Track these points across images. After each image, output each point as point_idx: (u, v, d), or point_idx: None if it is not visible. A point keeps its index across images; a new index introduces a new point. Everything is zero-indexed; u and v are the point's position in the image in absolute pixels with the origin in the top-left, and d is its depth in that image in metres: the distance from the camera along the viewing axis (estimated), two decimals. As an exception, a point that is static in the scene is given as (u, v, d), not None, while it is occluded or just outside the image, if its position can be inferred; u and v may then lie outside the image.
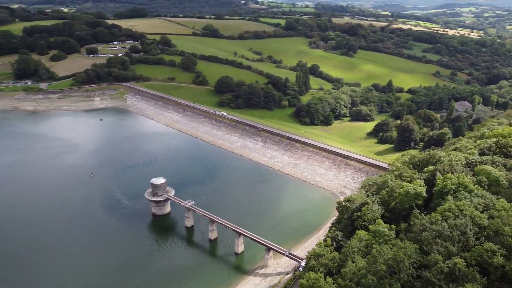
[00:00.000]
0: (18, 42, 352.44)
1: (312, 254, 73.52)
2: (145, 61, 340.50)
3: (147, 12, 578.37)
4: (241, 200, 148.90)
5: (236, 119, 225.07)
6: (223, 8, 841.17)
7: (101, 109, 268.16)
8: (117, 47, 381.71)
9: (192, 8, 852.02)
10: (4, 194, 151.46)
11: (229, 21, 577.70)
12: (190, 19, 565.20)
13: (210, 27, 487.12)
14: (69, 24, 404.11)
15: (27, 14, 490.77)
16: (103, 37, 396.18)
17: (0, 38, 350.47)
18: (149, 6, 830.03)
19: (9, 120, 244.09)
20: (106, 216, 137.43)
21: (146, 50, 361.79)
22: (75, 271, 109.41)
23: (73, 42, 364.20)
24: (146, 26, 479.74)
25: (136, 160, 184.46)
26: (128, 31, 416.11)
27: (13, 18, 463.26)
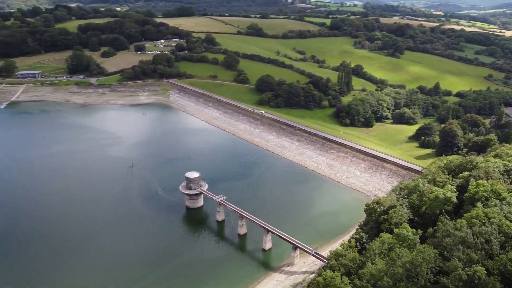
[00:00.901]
0: (73, 39, 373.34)
1: (334, 254, 73.31)
2: (189, 59, 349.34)
3: (195, 11, 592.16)
4: (272, 197, 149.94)
5: (273, 118, 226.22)
6: (270, 7, 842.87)
7: (146, 104, 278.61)
8: (163, 44, 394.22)
9: (239, 7, 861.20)
10: (53, 181, 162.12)
11: (273, 20, 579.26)
12: (235, 18, 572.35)
13: (255, 26, 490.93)
14: (120, 22, 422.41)
15: (82, 12, 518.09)
16: (151, 35, 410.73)
17: (57, 35, 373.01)
18: (197, 5, 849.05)
19: (61, 112, 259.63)
20: (143, 206, 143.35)
21: (191, 48, 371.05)
22: (110, 256, 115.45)
23: (123, 40, 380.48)
24: (192, 24, 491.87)
25: (175, 154, 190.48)
26: (174, 29, 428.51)
27: (70, 16, 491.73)
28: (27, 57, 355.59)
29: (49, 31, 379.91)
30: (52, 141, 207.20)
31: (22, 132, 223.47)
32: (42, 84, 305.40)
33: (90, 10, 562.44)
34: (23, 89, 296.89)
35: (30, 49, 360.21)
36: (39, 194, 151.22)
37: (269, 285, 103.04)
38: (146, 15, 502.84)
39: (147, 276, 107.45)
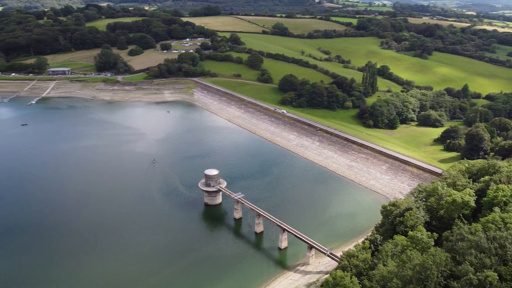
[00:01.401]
0: (102, 37, 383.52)
1: (346, 254, 72.93)
2: (213, 58, 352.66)
3: (221, 11, 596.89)
4: (291, 197, 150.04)
5: (295, 118, 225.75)
6: (297, 7, 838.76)
7: (170, 102, 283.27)
8: (189, 43, 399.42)
9: (266, 6, 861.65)
10: (78, 174, 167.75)
11: (299, 19, 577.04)
12: (261, 17, 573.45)
13: (280, 26, 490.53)
14: (147, 21, 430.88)
15: (112, 11, 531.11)
16: (177, 33, 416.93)
17: (87, 33, 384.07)
18: (224, 4, 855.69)
19: (89, 108, 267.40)
20: (163, 201, 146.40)
21: (215, 47, 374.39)
22: (129, 249, 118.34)
23: (150, 38, 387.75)
24: (218, 24, 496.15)
25: (196, 151, 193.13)
26: (200, 29, 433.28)
27: (100, 15, 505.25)
28: (58, 55, 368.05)
29: (79, 30, 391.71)
30: (79, 135, 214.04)
31: (51, 127, 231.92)
32: (71, 81, 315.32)
33: (119, 9, 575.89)
34: (53, 86, 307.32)
35: (61, 47, 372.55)
36: (65, 187, 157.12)
37: (283, 283, 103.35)
38: (173, 14, 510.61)
39: (165, 269, 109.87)
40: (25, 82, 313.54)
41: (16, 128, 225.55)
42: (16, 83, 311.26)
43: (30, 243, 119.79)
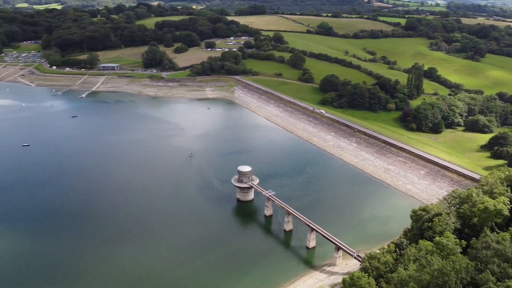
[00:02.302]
0: (150, 35, 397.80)
1: (368, 256, 72.00)
2: (256, 56, 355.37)
3: (266, 10, 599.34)
4: (323, 197, 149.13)
5: (333, 118, 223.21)
6: (345, 6, 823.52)
7: (211, 99, 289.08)
8: (233, 42, 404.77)
9: (313, 6, 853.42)
10: (120, 165, 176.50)
11: (345, 19, 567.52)
12: (306, 16, 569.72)
13: (325, 25, 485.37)
14: (194, 20, 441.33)
15: (161, 10, 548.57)
16: (222, 32, 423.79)
17: (136, 31, 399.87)
18: (271, 3, 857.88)
19: (134, 103, 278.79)
20: (197, 194, 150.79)
21: (258, 46, 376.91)
22: (162, 238, 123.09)
23: (195, 36, 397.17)
24: (263, 23, 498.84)
25: (233, 147, 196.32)
26: (244, 27, 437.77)
27: (149, 13, 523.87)
28: (109, 51, 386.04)
29: (129, 27, 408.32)
30: (123, 128, 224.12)
31: (98, 119, 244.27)
32: (119, 76, 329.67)
33: (168, 8, 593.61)
34: (103, 80, 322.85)
35: (112, 44, 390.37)
36: (106, 177, 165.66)
37: (308, 282, 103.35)
38: (219, 13, 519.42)
39: (194, 261, 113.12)
40: (77, 76, 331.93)
41: (67, 119, 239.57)
42: (69, 77, 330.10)
43: (71, 228, 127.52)
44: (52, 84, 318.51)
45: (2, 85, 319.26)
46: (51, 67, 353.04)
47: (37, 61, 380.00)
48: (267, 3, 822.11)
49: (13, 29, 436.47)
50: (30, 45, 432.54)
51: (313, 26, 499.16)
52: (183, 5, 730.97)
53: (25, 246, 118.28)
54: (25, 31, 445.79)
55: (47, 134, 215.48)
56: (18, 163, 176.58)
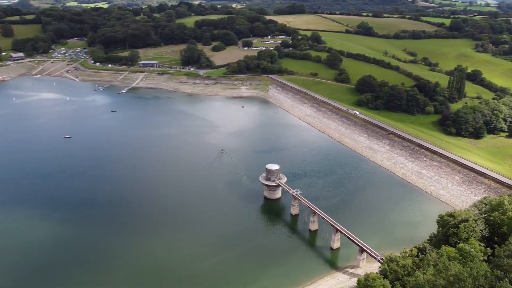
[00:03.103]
0: (189, 33, 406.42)
1: (387, 259, 70.91)
2: (292, 56, 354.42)
3: (305, 9, 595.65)
4: (351, 198, 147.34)
5: (367, 119, 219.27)
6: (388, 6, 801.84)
7: (245, 97, 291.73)
8: (270, 41, 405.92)
9: (354, 5, 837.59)
10: (153, 159, 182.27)
11: (386, 19, 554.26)
12: (346, 16, 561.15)
13: (364, 25, 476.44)
14: (232, 19, 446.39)
15: (201, 9, 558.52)
16: (259, 31, 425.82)
17: (175, 29, 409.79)
18: (311, 3, 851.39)
19: (171, 99, 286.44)
20: (225, 190, 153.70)
21: (295, 45, 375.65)
22: (189, 231, 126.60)
23: (233, 35, 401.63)
24: (301, 22, 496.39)
25: (264, 145, 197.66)
26: (282, 27, 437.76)
27: (190, 12, 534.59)
28: (149, 49, 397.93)
29: (169, 26, 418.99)
30: (159, 124, 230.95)
31: (136, 114, 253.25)
32: (158, 73, 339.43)
33: (208, 7, 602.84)
34: (142, 77, 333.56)
35: (152, 42, 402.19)
36: (140, 169, 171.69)
37: (330, 282, 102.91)
38: (258, 13, 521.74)
39: (220, 254, 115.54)
40: (118, 72, 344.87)
41: (107, 114, 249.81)
42: (111, 73, 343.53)
43: (104, 216, 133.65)
44: (95, 80, 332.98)
45: (49, 80, 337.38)
46: (95, 63, 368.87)
47: (82, 57, 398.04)
48: (308, 3, 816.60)
49: (61, 26, 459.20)
50: (77, 42, 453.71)
51: (352, 26, 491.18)
52: (223, 4, 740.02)
53: (61, 231, 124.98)
54: (73, 28, 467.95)
55: (88, 127, 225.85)
56: (59, 153, 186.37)
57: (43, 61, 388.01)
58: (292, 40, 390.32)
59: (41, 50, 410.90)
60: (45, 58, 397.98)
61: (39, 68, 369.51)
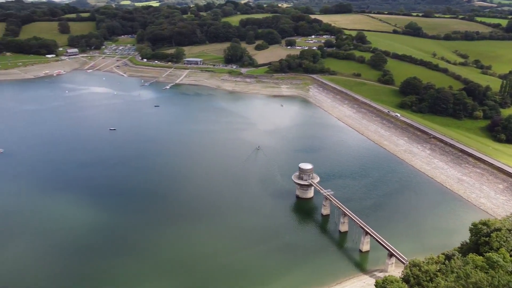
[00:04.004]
0: (233, 32, 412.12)
1: (411, 263, 69.44)
2: (335, 56, 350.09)
3: (352, 8, 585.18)
4: (385, 201, 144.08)
5: (408, 122, 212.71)
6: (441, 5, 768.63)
7: (285, 96, 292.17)
8: (313, 40, 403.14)
9: (405, 5, 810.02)
10: (192, 152, 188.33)
11: (436, 19, 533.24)
12: (394, 16, 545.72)
13: (413, 25, 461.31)
14: (276, 18, 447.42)
15: (247, 8, 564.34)
16: (303, 30, 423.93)
17: (220, 28, 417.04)
18: (360, 2, 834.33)
19: (212, 96, 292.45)
20: (258, 186, 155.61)
21: (339, 45, 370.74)
22: (219, 224, 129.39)
23: (276, 34, 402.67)
24: (347, 21, 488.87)
25: (300, 144, 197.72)
26: (327, 26, 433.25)
27: (235, 11, 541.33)
28: (194, 46, 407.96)
29: (214, 24, 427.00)
30: (199, 119, 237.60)
31: (178, 110, 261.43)
32: (201, 71, 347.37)
33: (254, 6, 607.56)
34: (186, 74, 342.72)
35: (197, 39, 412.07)
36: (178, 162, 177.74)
37: (356, 284, 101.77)
38: (303, 12, 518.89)
39: (249, 248, 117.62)
40: (164, 69, 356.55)
41: (150, 108, 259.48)
42: (157, 70, 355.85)
43: (143, 205, 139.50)
44: (141, 75, 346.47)
45: (100, 75, 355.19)
46: (142, 59, 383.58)
47: (131, 53, 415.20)
48: (356, 2, 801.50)
49: (113, 24, 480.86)
50: (127, 39, 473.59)
51: (400, 26, 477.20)
52: (269, 3, 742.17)
53: (101, 217, 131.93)
54: (124, 26, 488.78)
55: (132, 120, 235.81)
56: (104, 144, 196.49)
57: (95, 56, 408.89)
58: (336, 39, 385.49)
59: (93, 46, 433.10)
60: (97, 54, 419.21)
61: (91, 63, 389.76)
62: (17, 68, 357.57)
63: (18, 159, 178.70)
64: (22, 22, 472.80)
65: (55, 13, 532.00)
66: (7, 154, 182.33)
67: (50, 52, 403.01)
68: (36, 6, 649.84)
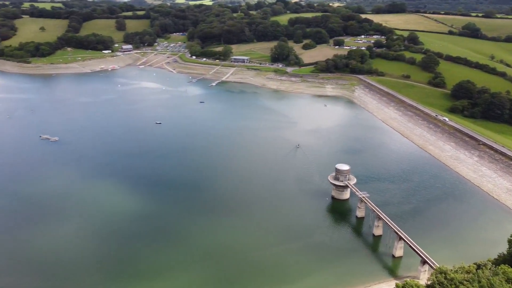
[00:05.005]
0: (281, 31, 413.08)
1: (437, 270, 67.48)
2: (384, 56, 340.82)
3: (406, 8, 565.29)
4: (424, 207, 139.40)
5: (456, 127, 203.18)
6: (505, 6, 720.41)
7: (330, 96, 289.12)
8: (362, 40, 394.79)
9: (466, 5, 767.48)
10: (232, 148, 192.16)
11: (499, 20, 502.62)
12: (451, 16, 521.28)
13: (471, 26, 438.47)
14: (326, 17, 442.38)
15: (296, 7, 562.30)
16: (353, 30, 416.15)
17: (268, 27, 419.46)
18: (417, 1, 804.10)
19: (256, 94, 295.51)
20: (294, 184, 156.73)
21: (389, 46, 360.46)
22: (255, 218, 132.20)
23: (324, 33, 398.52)
24: (399, 21, 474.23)
25: (341, 145, 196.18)
26: (377, 26, 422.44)
27: (285, 10, 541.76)
28: (242, 45, 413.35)
29: (263, 23, 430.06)
30: (242, 116, 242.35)
31: (222, 106, 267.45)
32: (248, 69, 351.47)
33: (304, 5, 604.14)
34: (232, 72, 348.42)
35: (245, 38, 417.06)
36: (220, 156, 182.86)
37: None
38: (354, 11, 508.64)
39: (282, 244, 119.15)
40: (211, 66, 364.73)
41: (195, 104, 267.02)
42: (205, 67, 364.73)
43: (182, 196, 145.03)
44: (189, 72, 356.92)
45: (151, 70, 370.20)
46: (191, 56, 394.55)
47: (181, 51, 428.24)
48: (413, 1, 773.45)
49: (166, 22, 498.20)
50: (178, 36, 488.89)
51: (457, 27, 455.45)
52: (320, 2, 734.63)
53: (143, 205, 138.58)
54: (176, 24, 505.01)
55: (177, 115, 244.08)
56: (149, 137, 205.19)
57: (147, 53, 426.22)
58: (387, 40, 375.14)
59: (147, 43, 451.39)
60: (149, 50, 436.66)
61: (143, 59, 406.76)
62: (76, 63, 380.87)
63: (71, 147, 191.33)
64: (83, 19, 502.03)
65: (114, 11, 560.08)
66: (62, 142, 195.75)
67: (107, 48, 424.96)
68: (97, 4, 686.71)
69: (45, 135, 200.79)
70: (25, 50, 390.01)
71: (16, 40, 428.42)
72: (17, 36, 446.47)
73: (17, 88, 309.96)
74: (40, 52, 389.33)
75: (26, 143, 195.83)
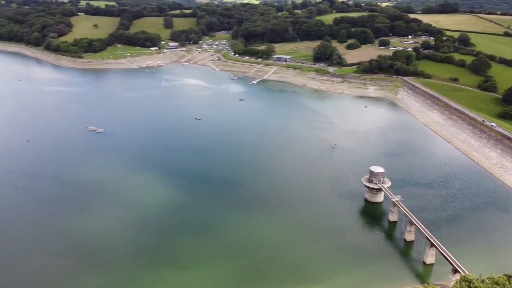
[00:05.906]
0: (325, 30, 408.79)
1: (463, 279, 65.38)
2: (431, 58, 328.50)
3: (458, 8, 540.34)
4: (462, 215, 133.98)
5: (505, 134, 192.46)
6: None
7: (371, 97, 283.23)
8: (409, 41, 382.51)
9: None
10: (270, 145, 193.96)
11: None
12: (509, 17, 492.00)
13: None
14: (372, 17, 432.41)
15: (343, 6, 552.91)
16: (400, 30, 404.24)
17: (312, 26, 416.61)
18: (473, 1, 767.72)
19: (296, 94, 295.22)
20: (328, 183, 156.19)
21: (437, 47, 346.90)
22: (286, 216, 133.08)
23: (370, 33, 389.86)
24: (451, 22, 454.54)
25: (379, 147, 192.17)
26: (426, 26, 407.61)
27: (331, 9, 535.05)
28: (285, 44, 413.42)
29: (307, 22, 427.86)
30: (280, 115, 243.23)
31: (261, 104, 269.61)
32: (289, 68, 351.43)
33: (351, 5, 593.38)
34: (274, 70, 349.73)
35: (289, 37, 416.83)
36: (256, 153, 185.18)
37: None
38: (403, 11, 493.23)
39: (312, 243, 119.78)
40: (253, 65, 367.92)
41: (235, 101, 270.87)
42: (247, 65, 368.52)
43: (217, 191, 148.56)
44: (232, 70, 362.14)
45: (194, 67, 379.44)
46: (234, 55, 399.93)
47: (225, 49, 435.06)
48: (468, 1, 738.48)
49: (212, 20, 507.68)
50: (223, 34, 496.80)
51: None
52: (367, 2, 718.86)
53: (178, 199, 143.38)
54: (221, 22, 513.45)
55: (216, 112, 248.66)
56: (188, 133, 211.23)
57: (192, 50, 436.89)
58: (435, 41, 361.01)
59: (192, 41, 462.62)
60: (194, 48, 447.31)
61: (188, 56, 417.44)
62: (125, 59, 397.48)
63: (115, 139, 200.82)
64: (133, 17, 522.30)
65: (162, 9, 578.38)
66: (107, 134, 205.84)
67: (154, 45, 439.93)
68: (147, 2, 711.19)
69: (91, 127, 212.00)
70: (79, 46, 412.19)
71: (72, 36, 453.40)
72: (72, 33, 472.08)
73: (70, 81, 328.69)
74: (92, 48, 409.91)
75: (73, 133, 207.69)
